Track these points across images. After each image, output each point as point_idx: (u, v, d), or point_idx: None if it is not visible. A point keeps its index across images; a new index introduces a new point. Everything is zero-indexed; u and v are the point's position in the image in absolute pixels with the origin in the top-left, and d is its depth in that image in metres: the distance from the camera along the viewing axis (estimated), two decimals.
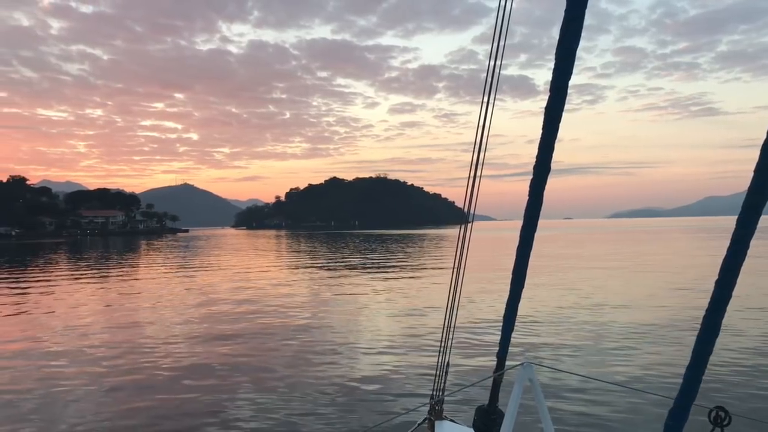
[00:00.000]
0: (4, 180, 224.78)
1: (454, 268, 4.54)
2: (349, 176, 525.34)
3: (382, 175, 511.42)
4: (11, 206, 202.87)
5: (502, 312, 3.67)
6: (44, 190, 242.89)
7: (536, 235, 3.24)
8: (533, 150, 3.05)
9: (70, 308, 21.99)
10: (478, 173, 4.00)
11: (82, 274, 38.44)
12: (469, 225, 4.34)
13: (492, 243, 74.96)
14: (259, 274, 35.63)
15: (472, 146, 3.90)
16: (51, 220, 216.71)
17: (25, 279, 35.65)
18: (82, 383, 11.29)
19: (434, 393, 5.13)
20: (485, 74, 3.70)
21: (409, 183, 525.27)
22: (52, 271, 41.74)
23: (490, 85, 3.72)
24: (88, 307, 22.40)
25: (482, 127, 3.85)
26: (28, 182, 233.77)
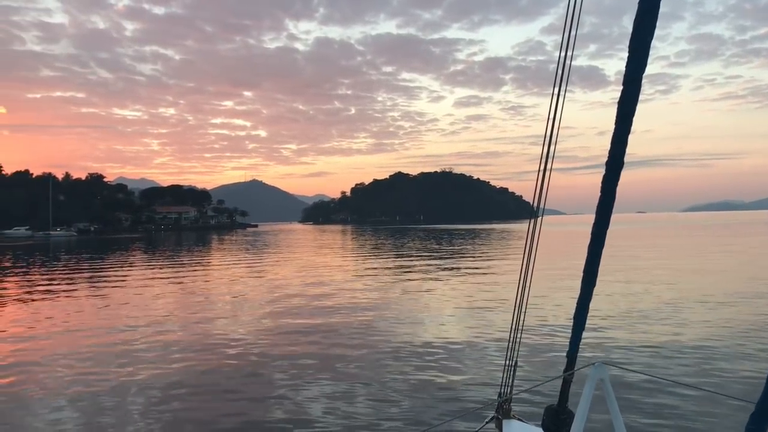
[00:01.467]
0: (84, 178, 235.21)
1: (522, 263, 4.44)
2: (414, 171, 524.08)
3: (447, 170, 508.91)
4: (90, 203, 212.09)
5: (573, 310, 3.57)
6: (120, 187, 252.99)
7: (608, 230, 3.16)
8: (603, 142, 2.94)
9: (146, 300, 22.81)
10: (548, 166, 3.89)
11: (157, 267, 39.82)
12: (538, 220, 4.23)
13: (561, 238, 73.57)
14: (326, 268, 36.06)
15: (541, 139, 3.80)
16: (127, 216, 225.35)
17: (105, 272, 37.26)
18: (155, 374, 11.68)
19: (502, 391, 5.04)
20: (554, 65, 3.61)
21: (476, 177, 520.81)
22: (129, 264, 43.44)
23: (560, 77, 3.61)
24: (163, 299, 23.18)
25: (552, 119, 3.74)
26: (105, 179, 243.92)
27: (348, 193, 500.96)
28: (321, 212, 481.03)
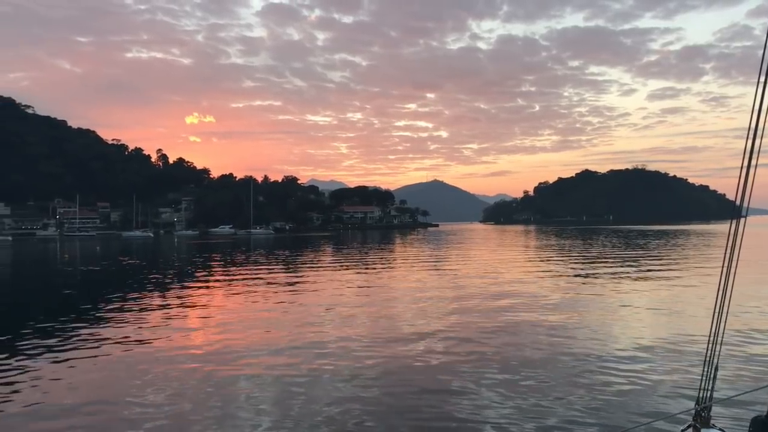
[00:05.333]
0: (280, 180, 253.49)
1: (723, 266, 4.20)
2: (602, 168, 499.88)
3: (639, 167, 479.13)
4: (285, 203, 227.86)
5: None
6: (312, 189, 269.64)
7: None
8: None
9: (336, 292, 24.16)
10: (753, 162, 3.65)
11: (345, 263, 41.91)
12: (742, 220, 3.97)
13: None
14: (507, 269, 35.72)
15: (746, 132, 3.58)
16: (318, 215, 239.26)
17: (299, 266, 40.00)
18: (343, 365, 12.43)
19: (700, 398, 4.78)
20: (761, 51, 3.38)
21: (671, 174, 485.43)
22: (320, 260, 46.19)
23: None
24: (352, 292, 24.40)
25: (758, 109, 3.50)
26: (299, 181, 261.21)
27: (531, 192, 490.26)
28: (502, 212, 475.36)
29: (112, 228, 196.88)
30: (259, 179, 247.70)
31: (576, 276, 30.49)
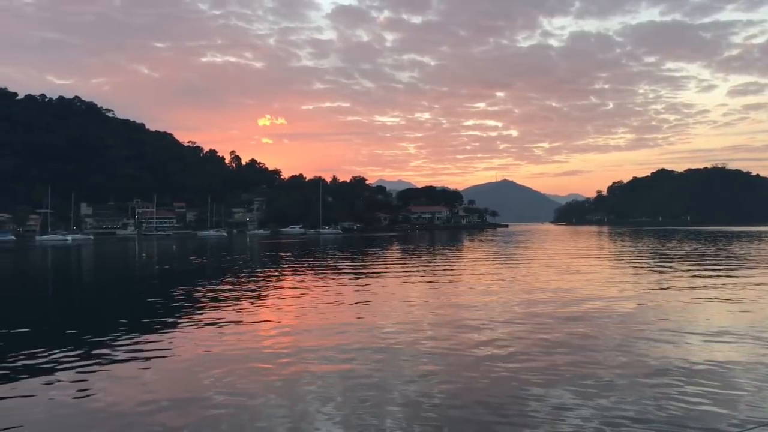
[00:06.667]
0: (348, 180, 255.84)
1: None
2: (679, 167, 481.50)
3: (719, 165, 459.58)
4: (354, 203, 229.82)
5: None
6: (380, 189, 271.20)
7: None
8: None
9: (403, 292, 23.89)
10: None
11: (413, 264, 41.63)
12: None
13: None
14: (581, 271, 34.62)
15: None
16: (385, 215, 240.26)
17: (367, 266, 40.06)
18: (409, 366, 12.14)
19: None
20: None
21: (753, 173, 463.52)
22: (388, 259, 46.13)
23: None
24: (420, 293, 24.06)
25: None
26: (366, 182, 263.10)
27: (604, 192, 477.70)
28: (574, 212, 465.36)
29: (187, 228, 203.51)
30: (328, 180, 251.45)
31: (649, 279, 29.17)
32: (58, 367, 12.29)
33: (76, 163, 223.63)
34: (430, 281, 29.19)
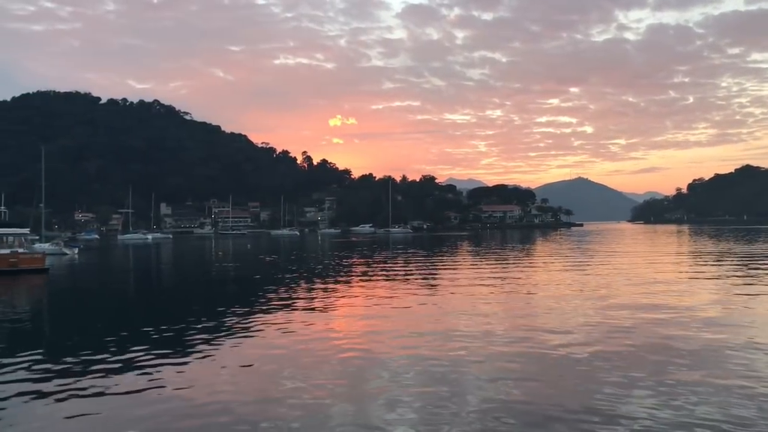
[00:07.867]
0: (418, 179, 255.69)
1: None
2: (766, 163, 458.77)
3: None
4: (423, 202, 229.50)
5: None
6: (450, 188, 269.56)
7: None
8: None
9: (474, 292, 23.64)
10: None
11: (484, 263, 41.20)
12: None
13: None
14: (658, 274, 33.42)
15: None
16: (455, 214, 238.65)
17: (437, 264, 39.89)
18: (480, 359, 12.04)
19: None
20: None
21: None
22: (458, 258, 45.82)
23: None
24: (490, 292, 23.79)
25: None
26: (436, 181, 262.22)
27: (684, 190, 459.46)
28: (652, 211, 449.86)
29: (261, 226, 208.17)
30: (398, 179, 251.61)
31: (734, 283, 27.82)
32: (162, 360, 12.81)
33: (155, 164, 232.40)
34: (503, 280, 28.78)
